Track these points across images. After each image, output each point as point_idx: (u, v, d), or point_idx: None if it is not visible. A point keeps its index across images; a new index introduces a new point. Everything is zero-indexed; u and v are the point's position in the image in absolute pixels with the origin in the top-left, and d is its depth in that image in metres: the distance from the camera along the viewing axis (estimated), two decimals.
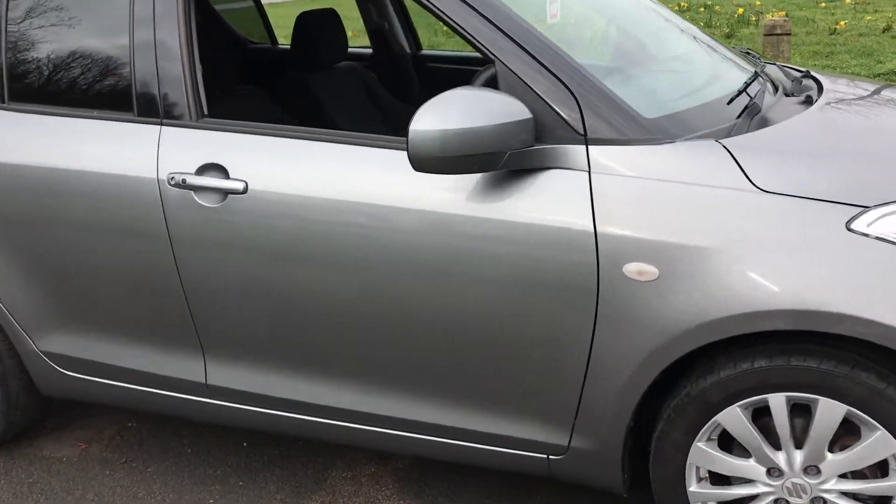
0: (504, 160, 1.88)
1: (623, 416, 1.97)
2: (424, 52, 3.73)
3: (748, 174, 1.83)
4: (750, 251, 1.78)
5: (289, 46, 3.44)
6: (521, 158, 1.91)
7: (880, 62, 7.26)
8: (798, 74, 2.58)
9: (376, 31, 3.66)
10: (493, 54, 1.99)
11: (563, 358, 1.98)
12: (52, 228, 2.43)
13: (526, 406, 2.08)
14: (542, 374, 2.02)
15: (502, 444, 2.15)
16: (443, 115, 1.85)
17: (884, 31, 8.55)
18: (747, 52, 2.83)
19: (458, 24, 2.02)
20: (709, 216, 1.81)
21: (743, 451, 1.94)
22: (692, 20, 8.79)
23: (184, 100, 2.27)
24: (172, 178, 2.24)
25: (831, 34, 8.72)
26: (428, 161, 1.87)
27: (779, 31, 6.55)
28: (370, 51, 3.78)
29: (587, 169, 1.91)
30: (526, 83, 1.95)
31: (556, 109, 1.93)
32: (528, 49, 1.97)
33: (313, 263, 2.14)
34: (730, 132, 1.98)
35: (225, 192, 2.19)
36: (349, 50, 3.46)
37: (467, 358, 2.08)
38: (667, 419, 1.95)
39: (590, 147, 1.92)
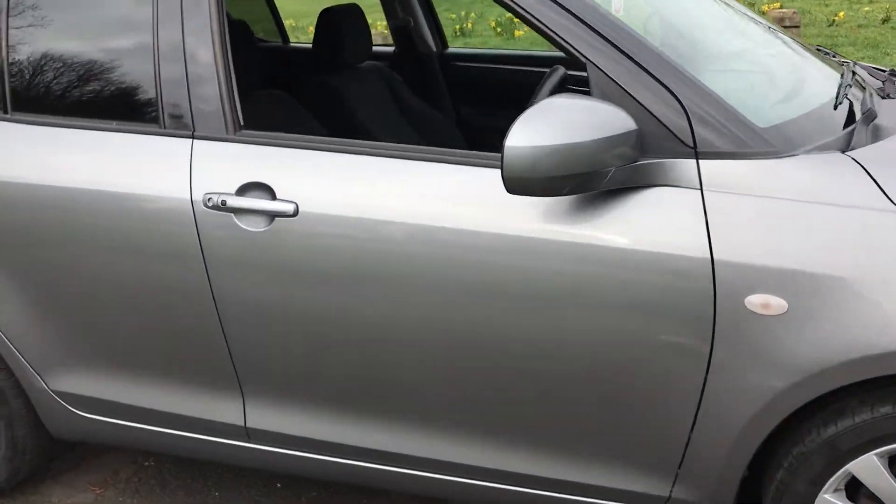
0: (607, 179, 1.65)
1: (738, 464, 1.75)
2: (451, 50, 3.48)
3: (887, 192, 1.61)
4: None
5: (301, 44, 3.18)
6: (624, 176, 1.67)
7: (887, 54, 7.13)
8: (884, 73, 2.37)
9: (401, 28, 3.39)
10: (585, 56, 1.74)
11: (670, 398, 1.75)
12: (66, 254, 2.15)
13: (621, 452, 1.85)
14: (642, 416, 1.79)
15: (589, 494, 1.91)
16: (536, 130, 1.61)
17: (883, 22, 8.44)
18: (817, 49, 2.61)
19: (542, 23, 1.77)
20: (846, 241, 1.59)
21: (874, 502, 1.72)
22: None
23: (219, 110, 2.00)
24: (210, 198, 1.97)
25: (830, 25, 8.59)
26: (521, 182, 1.63)
27: (787, 24, 6.38)
28: (391, 49, 3.52)
29: (698, 186, 1.68)
30: (624, 89, 1.71)
31: (661, 118, 1.70)
32: (625, 50, 1.73)
33: (377, 294, 1.89)
34: (849, 143, 1.76)
35: (272, 215, 1.93)
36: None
37: (555, 396, 1.84)
38: (788, 468, 1.73)
39: (700, 161, 1.68)
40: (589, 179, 1.64)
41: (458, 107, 3.42)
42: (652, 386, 1.75)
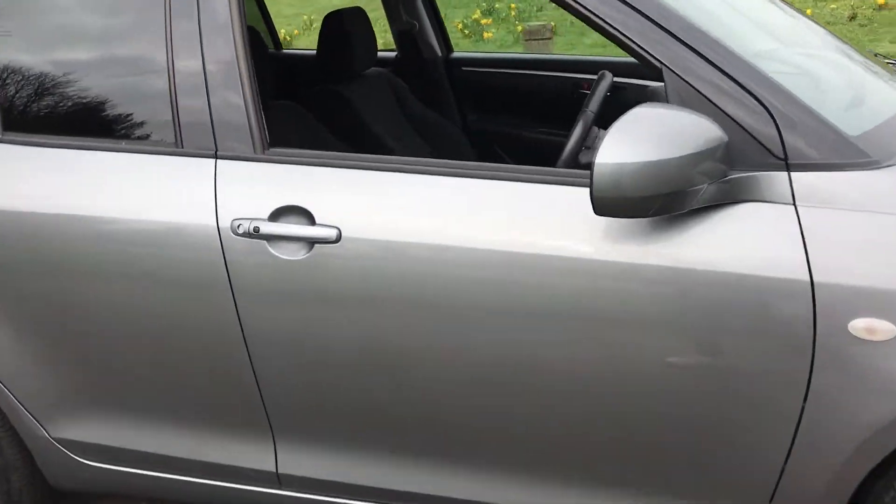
0: (699, 198, 1.51)
1: (837, 498, 1.61)
2: (456, 54, 3.31)
3: None
4: None
5: (297, 51, 2.99)
6: (714, 193, 1.53)
7: None
8: None
9: (405, 32, 3.22)
10: (661, 61, 1.60)
11: (763, 428, 1.61)
12: (70, 288, 1.93)
13: (708, 485, 1.70)
14: (732, 447, 1.65)
15: None
16: (623, 145, 1.46)
17: (850, 20, 8.50)
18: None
19: (612, 27, 1.62)
20: None
21: None
22: None
23: (245, 126, 1.81)
24: (239, 225, 1.78)
25: None
26: (610, 202, 1.48)
27: None
28: (393, 54, 3.34)
29: (791, 201, 1.54)
30: (706, 96, 1.57)
31: (747, 128, 1.56)
32: (704, 53, 1.59)
33: (434, 327, 1.71)
34: None
35: (311, 242, 1.74)
36: None
37: (637, 428, 1.69)
38: (893, 502, 1.61)
39: (792, 174, 1.55)
40: (678, 198, 1.49)
41: (464, 113, 3.26)
42: (743, 415, 1.62)
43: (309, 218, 1.75)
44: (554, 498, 1.81)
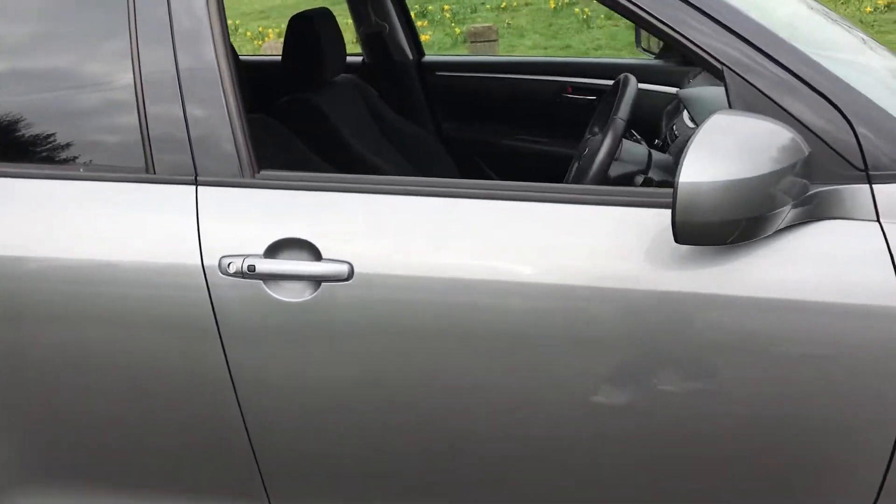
0: (783, 219, 1.32)
1: None
2: (428, 58, 3.07)
3: None
4: None
5: (254, 57, 2.71)
6: (798, 212, 1.35)
7: None
8: None
9: (374, 35, 2.96)
10: (723, 62, 1.40)
11: (851, 467, 1.44)
12: (19, 340, 1.63)
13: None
14: (816, 487, 1.47)
15: None
16: (707, 161, 1.26)
17: None
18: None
19: (665, 24, 1.42)
20: None
21: None
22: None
23: (230, 145, 1.54)
24: (230, 263, 1.50)
25: None
26: (694, 227, 1.27)
27: None
28: (359, 59, 3.08)
29: (875, 217, 1.37)
30: (776, 101, 1.38)
31: (824, 137, 1.38)
32: (771, 53, 1.40)
33: (469, 363, 1.48)
34: None
35: (318, 280, 1.49)
36: None
37: (712, 466, 1.49)
38: None
39: (874, 186, 1.37)
40: (763, 221, 1.30)
41: (438, 121, 3.04)
42: (830, 452, 1.43)
43: (313, 252, 1.50)
44: None
